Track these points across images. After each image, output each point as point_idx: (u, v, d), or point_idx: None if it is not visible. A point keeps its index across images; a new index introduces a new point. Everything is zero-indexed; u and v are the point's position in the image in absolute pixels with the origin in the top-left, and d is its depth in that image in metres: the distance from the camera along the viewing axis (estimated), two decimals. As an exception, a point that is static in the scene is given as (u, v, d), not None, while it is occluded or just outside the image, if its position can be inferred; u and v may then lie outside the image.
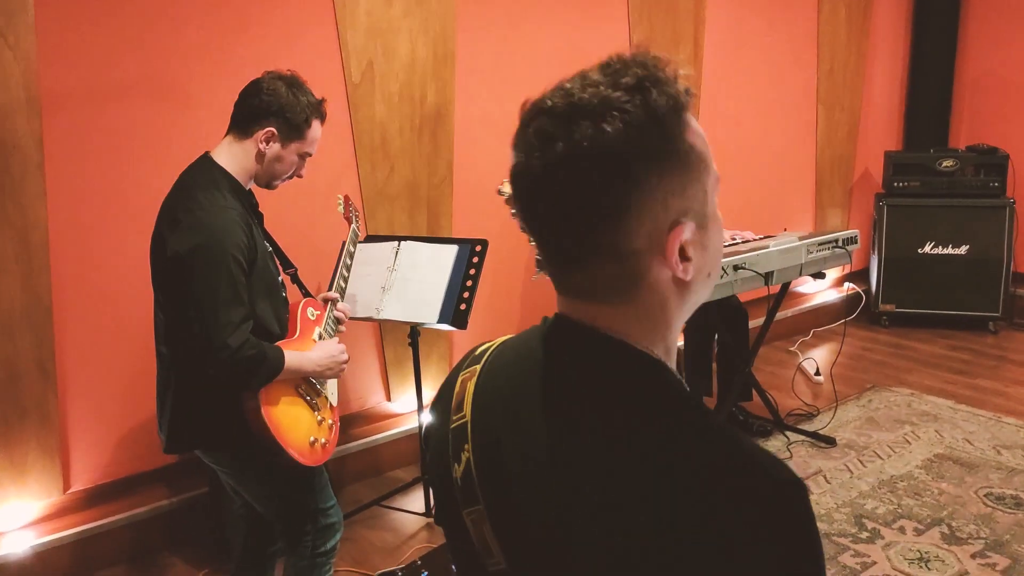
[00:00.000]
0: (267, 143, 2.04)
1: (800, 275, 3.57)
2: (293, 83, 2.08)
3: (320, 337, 2.23)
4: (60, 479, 2.91)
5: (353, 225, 2.61)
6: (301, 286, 2.41)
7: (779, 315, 5.22)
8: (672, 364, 0.88)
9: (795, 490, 0.77)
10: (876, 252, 5.47)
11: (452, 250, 3.06)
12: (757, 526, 0.74)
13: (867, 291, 5.68)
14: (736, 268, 3.22)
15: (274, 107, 2.02)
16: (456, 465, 0.90)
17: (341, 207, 2.67)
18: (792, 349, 5.10)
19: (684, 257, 0.83)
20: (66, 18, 2.71)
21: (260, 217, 2.16)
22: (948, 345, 5.11)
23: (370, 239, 3.22)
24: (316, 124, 2.11)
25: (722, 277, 3.18)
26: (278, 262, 2.24)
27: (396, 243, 3.13)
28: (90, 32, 2.76)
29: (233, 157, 2.04)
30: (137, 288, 2.89)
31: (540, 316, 0.94)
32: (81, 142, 2.80)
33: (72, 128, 2.77)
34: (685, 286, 0.86)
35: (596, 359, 0.85)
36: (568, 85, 0.83)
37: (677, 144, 0.82)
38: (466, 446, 0.90)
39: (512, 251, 4.05)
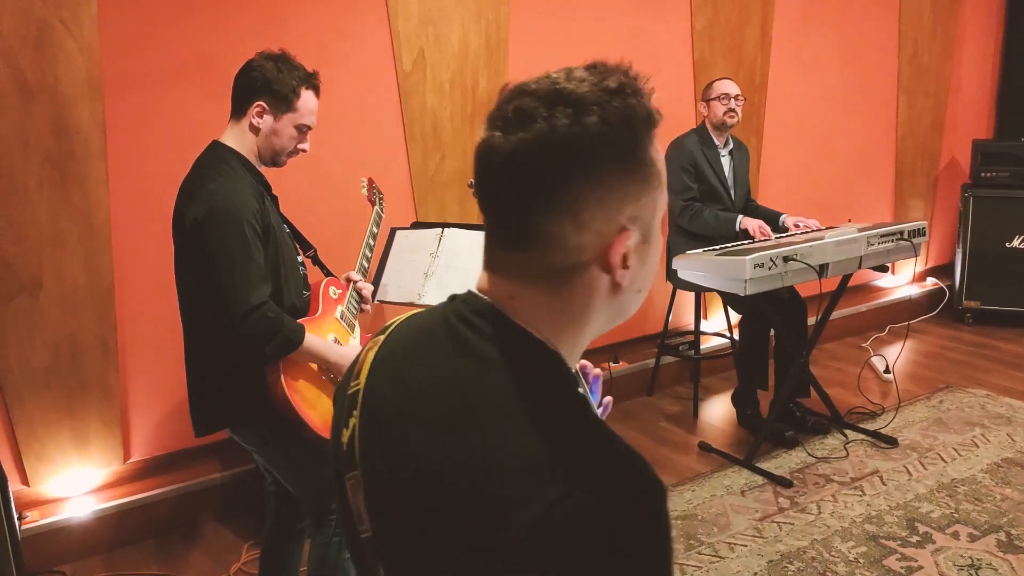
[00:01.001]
0: (260, 117, 2.11)
1: (859, 268, 3.43)
2: (280, 59, 2.13)
3: (342, 316, 2.28)
4: (120, 449, 3.07)
5: (376, 207, 2.67)
6: (322, 267, 2.46)
7: (852, 310, 5.06)
8: (572, 362, 0.89)
9: (649, 488, 0.75)
10: (961, 246, 5.21)
11: (493, 237, 3.07)
12: (605, 517, 0.73)
13: (951, 287, 5.41)
14: (786, 259, 3.13)
15: (260, 82, 2.09)
16: (344, 430, 0.92)
17: (365, 189, 2.72)
18: (864, 345, 4.91)
19: (624, 264, 0.85)
20: (126, 9, 2.85)
21: (275, 199, 2.23)
22: (1034, 345, 4.84)
23: (416, 225, 3.26)
24: (307, 94, 2.15)
25: (771, 268, 3.10)
26: (297, 246, 2.30)
27: (440, 230, 3.17)
28: (149, 22, 2.89)
29: (236, 138, 2.13)
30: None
31: None
32: (140, 128, 2.94)
33: (132, 114, 2.91)
34: (616, 293, 0.87)
35: (491, 336, 0.85)
36: (554, 75, 0.85)
37: (642, 153, 0.84)
38: (355, 412, 0.91)
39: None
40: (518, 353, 0.84)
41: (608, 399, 1.25)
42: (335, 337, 2.22)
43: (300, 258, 2.30)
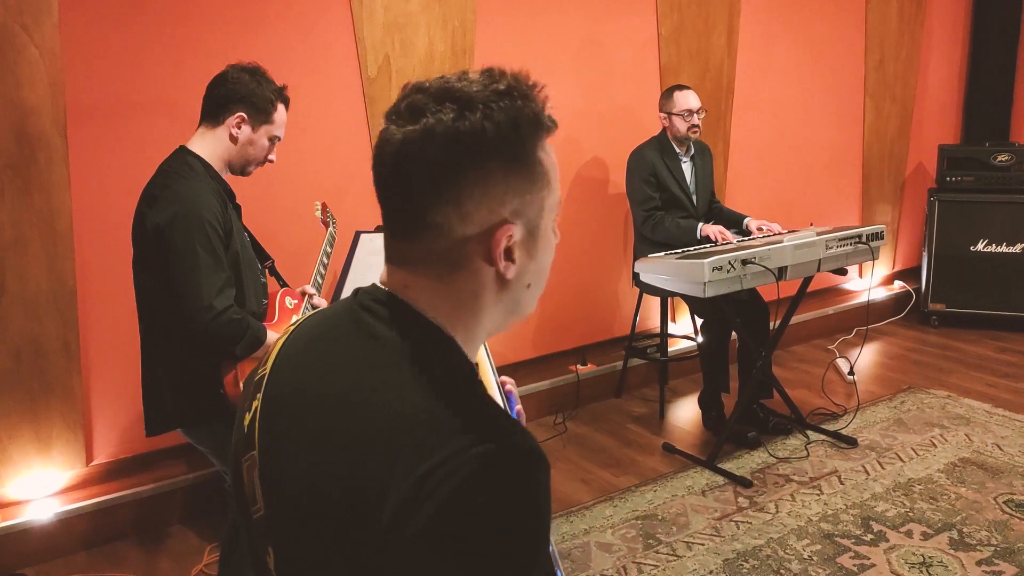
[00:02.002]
0: (238, 128, 2.16)
1: (818, 271, 3.49)
2: (256, 72, 2.21)
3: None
4: (83, 452, 3.08)
5: (330, 229, 2.75)
6: (278, 277, 2.51)
7: (819, 313, 5.12)
8: (470, 353, 0.93)
9: (529, 457, 0.79)
10: (927, 249, 5.28)
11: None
12: (482, 486, 0.76)
13: (917, 290, 5.49)
14: (745, 262, 3.18)
15: (240, 93, 2.14)
16: (247, 414, 0.97)
17: (319, 212, 2.80)
18: (831, 348, 4.97)
19: (509, 257, 0.90)
20: (89, 17, 2.86)
21: (238, 208, 2.27)
22: (997, 347, 4.91)
23: (380, 229, 3.29)
24: (281, 108, 2.25)
25: (729, 271, 3.15)
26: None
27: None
28: (113, 31, 2.91)
29: (206, 144, 2.17)
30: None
31: (551, 307, 0.98)
32: (104, 134, 2.95)
33: (95, 121, 2.93)
34: (505, 286, 0.92)
35: (388, 320, 0.90)
36: (448, 76, 0.91)
37: (527, 153, 0.90)
38: (258, 395, 0.96)
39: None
40: (413, 333, 0.89)
41: (519, 408, 1.29)
42: None
43: (260, 265, 2.33)
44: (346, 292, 2.99)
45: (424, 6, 3.52)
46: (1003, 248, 5.11)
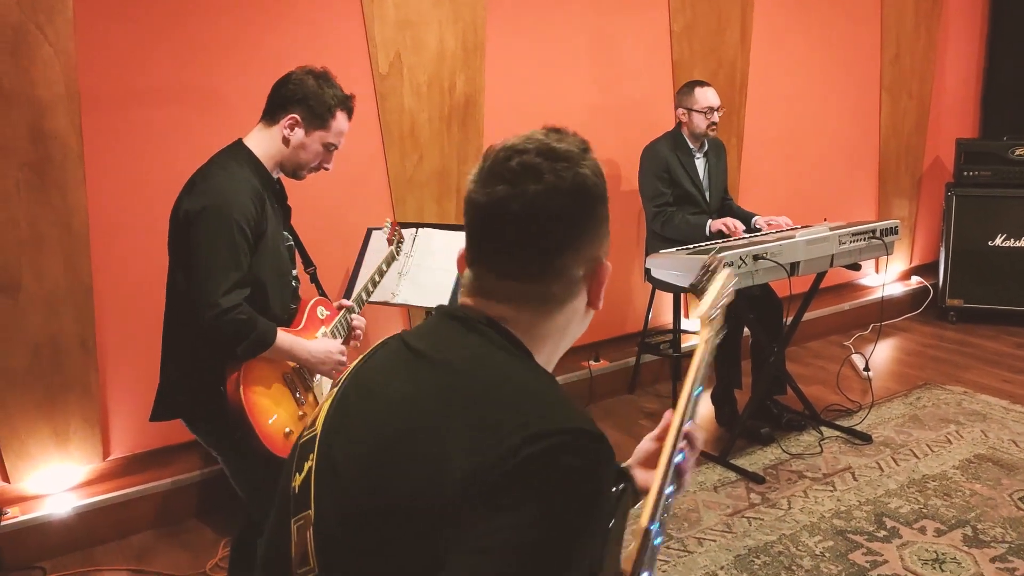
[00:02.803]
0: (291, 129, 2.15)
1: (831, 266, 3.47)
2: (321, 76, 2.18)
3: (323, 335, 2.31)
4: (100, 447, 3.12)
5: (392, 248, 2.71)
6: (319, 286, 2.49)
7: (835, 308, 5.09)
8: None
9: (604, 442, 0.88)
10: (944, 244, 5.24)
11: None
12: (565, 453, 0.86)
13: (935, 285, 5.45)
14: (756, 258, 3.16)
15: (298, 95, 2.13)
16: (297, 475, 0.99)
17: (386, 229, 2.74)
18: (847, 344, 4.94)
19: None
20: (103, 15, 2.90)
21: (288, 210, 2.27)
22: (1015, 343, 4.86)
23: (404, 225, 3.31)
24: (341, 116, 2.20)
25: (740, 267, 3.13)
26: (299, 258, 2.33)
27: (415, 230, 3.21)
28: (125, 28, 2.94)
29: (260, 142, 2.17)
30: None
31: None
32: (118, 132, 2.99)
33: (109, 119, 2.96)
34: (586, 317, 1.07)
35: (486, 323, 1.00)
36: (538, 136, 1.04)
37: (606, 199, 1.05)
38: (311, 455, 0.99)
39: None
40: (508, 338, 1.00)
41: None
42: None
43: (295, 271, 2.32)
44: (357, 287, 3.00)
45: (435, 3, 3.53)
46: (1021, 243, 5.05)
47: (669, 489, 1.13)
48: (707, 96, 3.76)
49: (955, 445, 3.59)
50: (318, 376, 2.29)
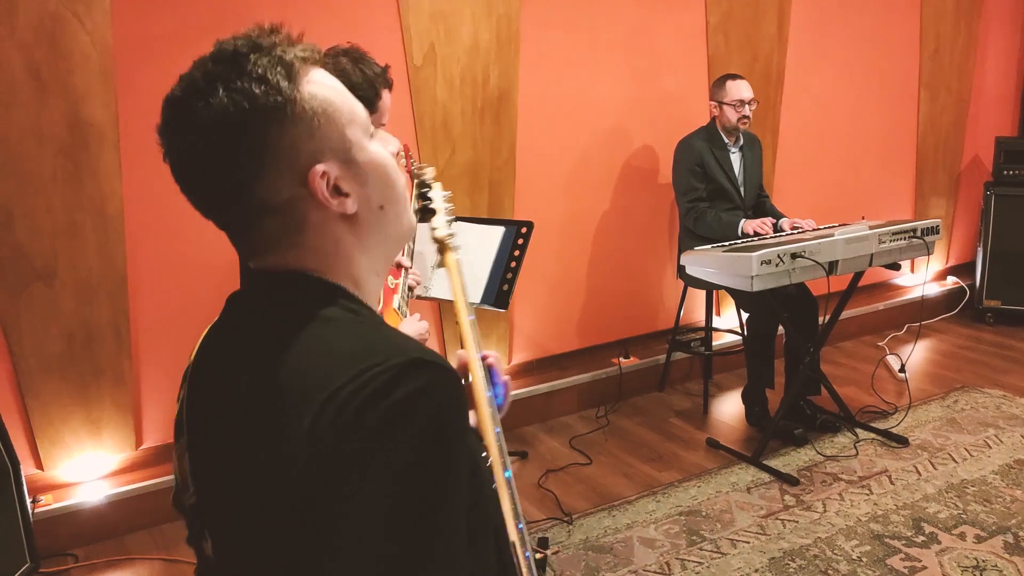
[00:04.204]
0: None
1: (870, 265, 3.40)
2: (357, 58, 2.06)
3: (398, 306, 2.28)
4: (133, 435, 3.13)
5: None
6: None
7: (869, 308, 5.01)
8: (368, 298, 0.94)
9: (441, 368, 0.79)
10: (982, 244, 5.13)
11: (499, 231, 3.08)
12: (395, 388, 0.76)
13: (971, 286, 5.34)
14: (794, 256, 3.11)
15: (346, 84, 2.07)
16: (179, 404, 0.98)
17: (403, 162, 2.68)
18: (881, 344, 4.86)
19: (340, 192, 0.89)
20: (139, 2, 2.89)
21: None
22: (1055, 346, 4.76)
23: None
24: (385, 94, 2.10)
25: (778, 265, 3.08)
26: None
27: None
28: (161, 16, 2.94)
29: None
30: (205, 258, 3.08)
31: (594, 300, 0.99)
32: (153, 120, 2.97)
33: (144, 106, 2.96)
34: (355, 220, 0.91)
35: (274, 285, 0.91)
36: (189, 72, 0.91)
37: (290, 99, 0.86)
38: (184, 384, 0.97)
39: (572, 233, 4.05)
40: (306, 292, 0.90)
41: (505, 379, 1.23)
42: None
43: None
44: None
45: (470, -6, 3.50)
46: (1063, 244, 4.94)
47: (498, 430, 1.08)
48: (739, 89, 3.71)
49: (994, 450, 3.51)
50: None
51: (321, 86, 0.91)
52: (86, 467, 3.08)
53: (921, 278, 5.36)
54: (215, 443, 0.89)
